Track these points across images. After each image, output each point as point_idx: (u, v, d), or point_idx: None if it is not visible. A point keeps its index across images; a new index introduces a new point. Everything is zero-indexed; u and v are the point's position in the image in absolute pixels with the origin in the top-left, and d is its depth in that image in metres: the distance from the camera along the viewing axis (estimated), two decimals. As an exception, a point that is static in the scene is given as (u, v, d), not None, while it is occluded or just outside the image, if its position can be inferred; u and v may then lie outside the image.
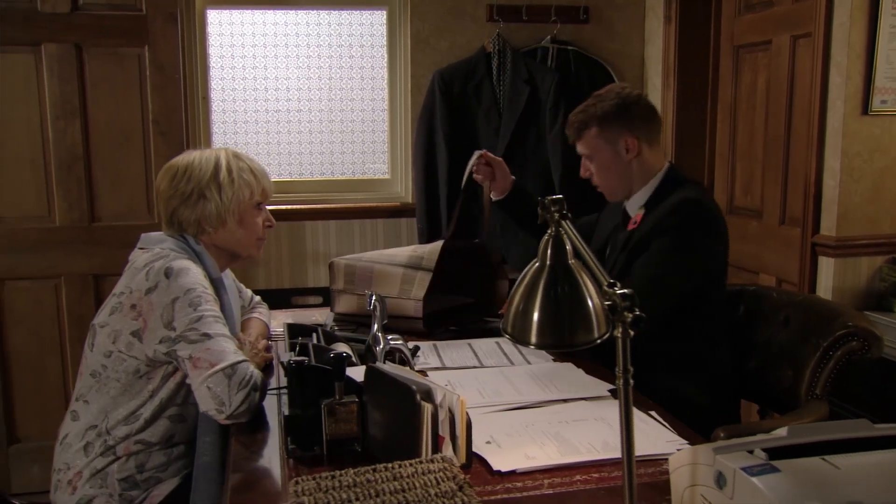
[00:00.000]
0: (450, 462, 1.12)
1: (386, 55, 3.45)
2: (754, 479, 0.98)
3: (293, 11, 3.37)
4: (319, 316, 2.46)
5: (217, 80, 3.36)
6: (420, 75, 3.35)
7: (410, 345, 2.02)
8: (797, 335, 2.07)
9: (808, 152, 2.54)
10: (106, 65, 3.00)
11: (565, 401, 1.72)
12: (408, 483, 1.04)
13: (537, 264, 1.22)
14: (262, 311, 2.20)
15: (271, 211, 3.35)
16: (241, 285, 2.23)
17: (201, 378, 1.61)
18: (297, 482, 1.07)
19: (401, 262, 2.32)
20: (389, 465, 1.10)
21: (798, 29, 2.75)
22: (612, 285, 1.01)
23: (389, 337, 1.89)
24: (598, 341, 1.21)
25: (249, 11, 3.34)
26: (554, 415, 1.63)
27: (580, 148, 2.15)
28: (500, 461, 1.40)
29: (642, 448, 1.45)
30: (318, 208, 3.39)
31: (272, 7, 3.35)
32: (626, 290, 0.98)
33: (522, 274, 1.23)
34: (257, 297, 2.27)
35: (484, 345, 2.14)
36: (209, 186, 1.82)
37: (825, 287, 2.51)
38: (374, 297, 1.84)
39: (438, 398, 1.36)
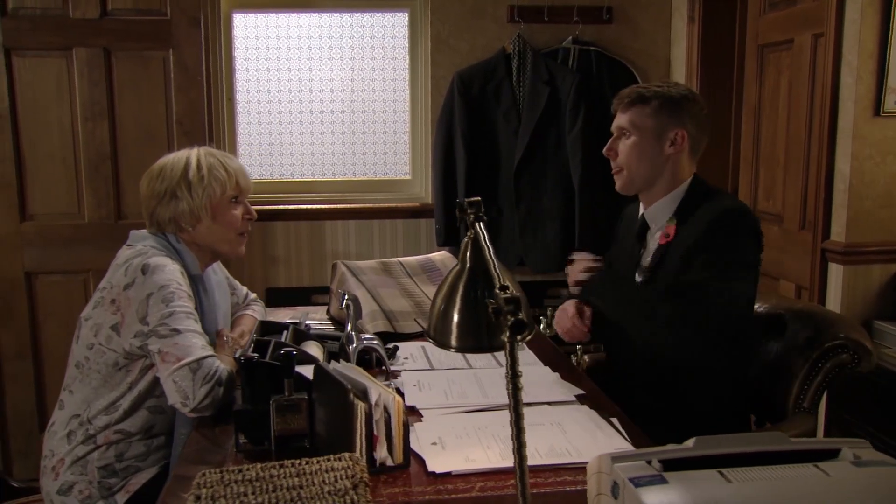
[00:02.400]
0: (356, 461, 1.14)
1: (408, 57, 3.48)
2: (638, 490, 0.96)
3: (317, 14, 3.43)
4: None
5: (242, 82, 3.44)
6: (440, 77, 3.36)
7: (390, 345, 2.04)
8: (790, 345, 2.00)
9: (819, 155, 2.45)
10: (132, 67, 3.10)
11: (529, 404, 1.71)
12: (307, 480, 1.06)
13: (458, 267, 1.23)
14: (255, 309, 2.25)
15: (294, 210, 3.46)
16: (236, 282, 2.28)
17: (168, 372, 1.67)
18: (203, 474, 1.10)
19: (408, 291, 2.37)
20: (297, 461, 1.12)
21: (818, 27, 2.66)
22: (503, 288, 1.00)
23: (365, 336, 1.92)
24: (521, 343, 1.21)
25: (274, 14, 3.41)
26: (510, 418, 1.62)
27: (622, 120, 1.95)
28: (438, 462, 1.40)
29: (589, 454, 1.43)
30: (338, 208, 3.44)
31: (296, 10, 3.41)
32: (509, 295, 0.97)
33: (445, 276, 1.24)
34: (253, 295, 2.32)
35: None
36: (179, 185, 1.88)
37: (835, 295, 2.42)
38: (346, 297, 1.87)
39: (374, 398, 1.37)
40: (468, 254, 1.20)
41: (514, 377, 1.00)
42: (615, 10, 3.37)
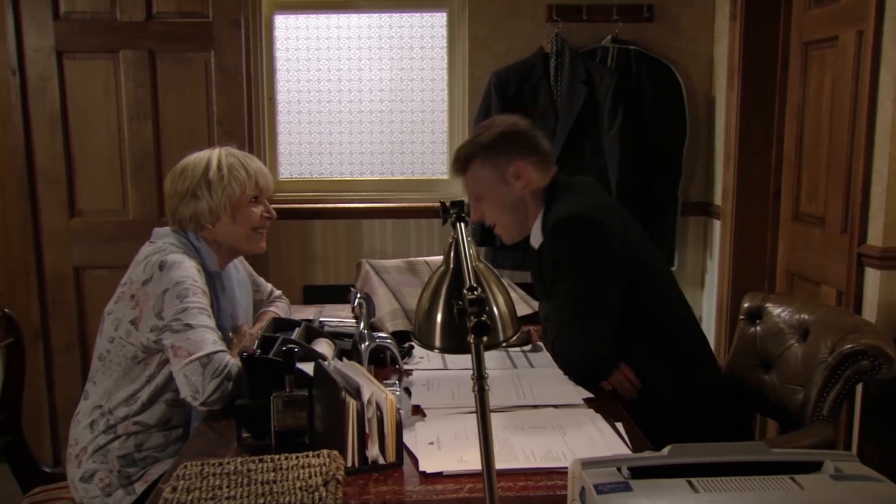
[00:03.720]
0: (333, 458, 1.15)
1: (446, 57, 3.49)
2: (600, 497, 0.95)
3: (356, 15, 3.46)
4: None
5: (283, 82, 3.50)
6: (477, 77, 3.36)
7: (406, 344, 2.05)
8: (810, 351, 1.95)
9: (857, 156, 2.37)
10: (175, 69, 3.19)
11: (535, 407, 1.70)
12: (282, 475, 1.08)
13: (442, 268, 1.23)
14: (279, 305, 2.28)
15: (332, 208, 3.50)
16: (261, 280, 2.32)
17: (180, 366, 1.71)
18: (184, 466, 1.13)
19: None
20: (277, 456, 1.14)
21: (862, 23, 2.56)
22: (472, 289, 1.00)
23: (378, 335, 1.93)
24: (504, 344, 1.21)
25: (314, 16, 3.46)
26: (514, 420, 1.62)
27: (467, 187, 2.03)
28: (431, 463, 1.41)
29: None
30: (375, 207, 3.47)
31: (337, 11, 3.45)
32: (474, 296, 0.97)
33: (429, 278, 1.24)
34: (277, 292, 2.36)
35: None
36: (200, 185, 1.92)
37: (871, 301, 2.33)
38: (358, 296, 1.88)
39: (366, 396, 1.38)
40: (451, 254, 1.20)
41: (479, 379, 1.00)
42: (656, 9, 3.32)
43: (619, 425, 1.59)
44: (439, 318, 1.20)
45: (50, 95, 3.19)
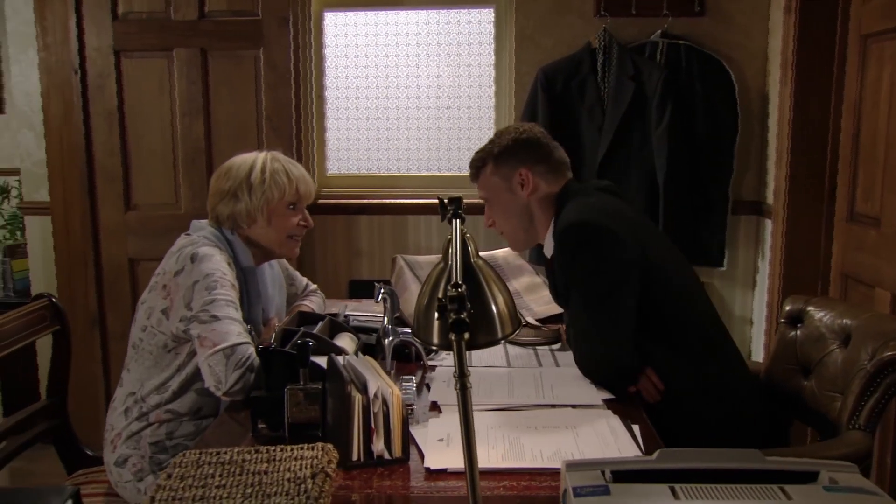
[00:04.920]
0: (327, 451, 1.16)
1: (493, 53, 3.47)
2: (577, 500, 0.93)
3: (404, 11, 3.48)
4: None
5: (332, 79, 3.55)
6: (524, 73, 3.33)
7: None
8: (852, 357, 1.87)
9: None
10: (226, 66, 3.27)
11: (553, 406, 1.68)
12: (275, 466, 1.09)
13: (441, 264, 1.23)
14: (312, 299, 2.32)
15: (379, 204, 3.52)
16: (296, 274, 2.36)
17: (205, 356, 1.76)
18: (183, 454, 1.15)
19: None
20: (272, 447, 1.16)
21: (923, 15, 2.45)
22: (456, 286, 1.00)
23: (402, 330, 1.94)
24: (503, 341, 1.20)
25: (363, 13, 3.49)
26: (529, 419, 1.61)
27: (479, 192, 2.07)
28: (437, 459, 1.41)
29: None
30: (421, 203, 3.48)
31: (385, 8, 3.48)
32: (454, 293, 0.97)
33: (428, 274, 1.24)
34: (313, 286, 2.39)
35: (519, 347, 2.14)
36: (241, 187, 1.97)
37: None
38: (383, 290, 1.89)
39: (372, 391, 1.39)
40: (450, 251, 1.19)
41: (461, 376, 0.99)
42: (707, 2, 3.23)
43: (636, 427, 1.56)
44: (435, 315, 1.19)
45: (108, 93, 3.31)
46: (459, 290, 0.98)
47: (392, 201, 3.50)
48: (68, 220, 3.38)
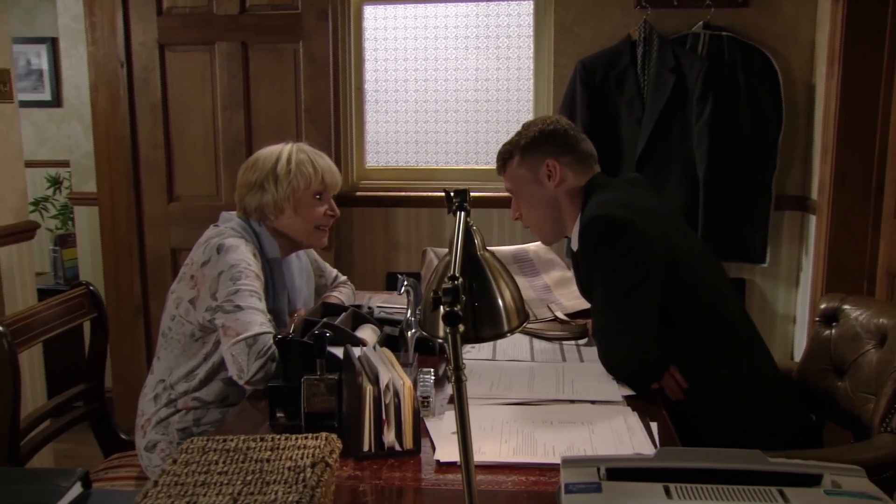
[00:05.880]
0: (331, 441, 1.17)
1: (532, 45, 3.45)
2: (568, 497, 0.93)
3: (444, 4, 3.47)
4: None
5: (371, 72, 3.56)
6: (563, 65, 3.30)
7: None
8: (887, 358, 1.81)
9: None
10: (266, 60, 3.31)
11: (571, 401, 1.67)
12: (277, 455, 1.11)
13: (447, 257, 1.22)
14: (342, 291, 2.34)
15: (416, 197, 3.53)
16: (325, 265, 2.38)
17: (228, 345, 1.79)
18: (191, 440, 1.17)
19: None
20: (277, 436, 1.17)
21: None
22: (452, 278, 0.99)
23: (425, 322, 1.94)
24: (509, 335, 1.20)
25: (402, 6, 3.49)
26: (546, 414, 1.60)
27: (506, 185, 2.06)
28: (448, 452, 1.41)
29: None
30: (458, 196, 3.47)
31: (425, 1, 3.48)
32: (449, 286, 0.96)
33: (436, 266, 1.24)
34: (342, 278, 2.41)
35: (545, 341, 2.12)
36: (268, 178, 2.00)
37: (968, 308, 2.13)
38: (406, 283, 1.90)
39: (384, 382, 1.40)
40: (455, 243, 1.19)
41: (456, 369, 0.99)
42: (752, -7, 3.16)
43: (654, 425, 1.54)
44: (442, 308, 1.19)
45: (153, 87, 3.38)
46: (455, 282, 0.98)
47: (430, 194, 3.50)
48: (114, 211, 3.47)
